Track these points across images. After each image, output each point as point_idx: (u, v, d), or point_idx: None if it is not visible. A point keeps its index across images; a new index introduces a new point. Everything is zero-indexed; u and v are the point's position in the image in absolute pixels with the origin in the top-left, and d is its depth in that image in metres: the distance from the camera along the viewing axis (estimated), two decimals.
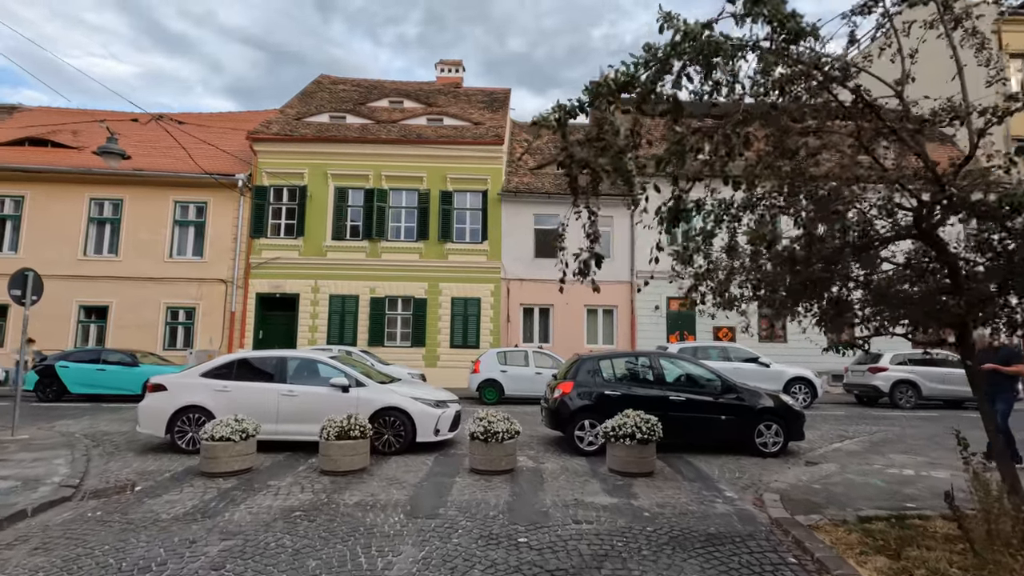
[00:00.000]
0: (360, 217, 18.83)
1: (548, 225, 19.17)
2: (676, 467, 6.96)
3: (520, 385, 14.25)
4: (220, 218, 18.49)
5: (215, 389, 7.51)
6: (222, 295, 18.17)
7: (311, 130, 19.39)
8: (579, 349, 18.14)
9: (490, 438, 6.38)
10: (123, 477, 6.21)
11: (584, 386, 7.78)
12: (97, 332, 17.94)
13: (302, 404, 7.48)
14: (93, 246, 18.26)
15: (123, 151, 12.09)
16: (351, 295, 18.38)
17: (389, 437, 7.51)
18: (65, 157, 18.67)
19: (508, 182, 19.39)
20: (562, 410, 7.70)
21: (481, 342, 18.22)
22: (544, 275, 18.79)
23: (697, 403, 7.68)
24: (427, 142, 19.09)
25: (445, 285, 18.55)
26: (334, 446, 6.35)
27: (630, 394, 7.69)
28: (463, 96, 24.10)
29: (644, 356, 8.13)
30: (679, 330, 18.85)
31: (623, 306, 18.88)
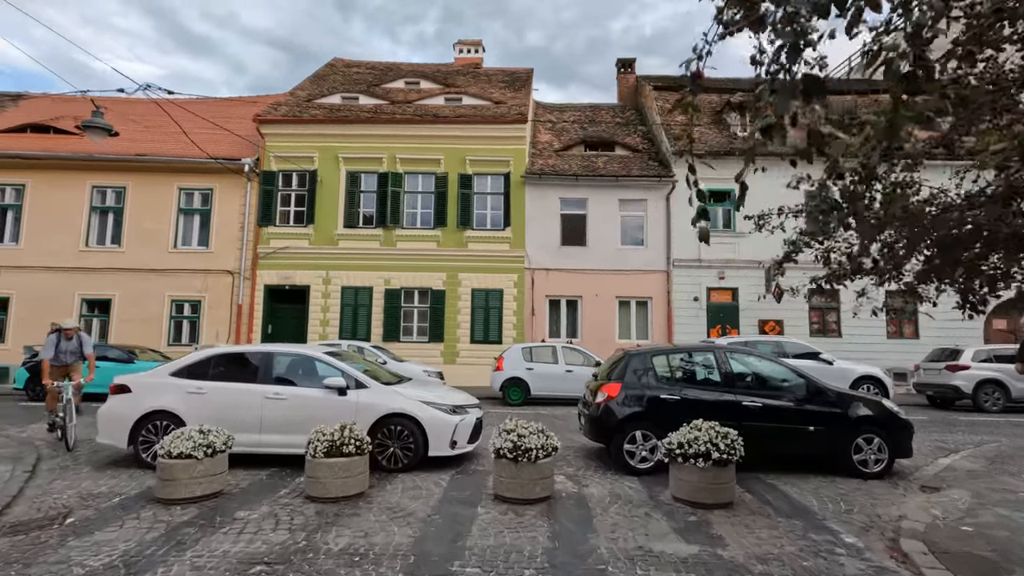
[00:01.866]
0: (373, 203, 17.55)
1: (575, 210, 17.65)
2: (758, 493, 5.43)
3: (548, 384, 12.80)
4: (226, 206, 17.39)
5: (187, 391, 6.22)
6: (229, 287, 17.09)
7: (322, 112, 18.17)
8: (610, 344, 16.61)
9: (521, 456, 4.95)
10: (60, 503, 4.95)
11: (634, 388, 6.29)
12: (100, 327, 17.01)
13: (290, 409, 6.15)
14: (96, 236, 17.33)
15: (110, 126, 10.95)
16: (364, 287, 17.13)
17: (395, 450, 6.14)
18: (67, 143, 17.77)
19: (532, 164, 17.90)
20: (607, 418, 6.23)
21: (504, 337, 16.81)
22: (571, 264, 17.30)
23: (777, 410, 6.13)
24: (445, 121, 17.69)
25: (465, 275, 17.18)
26: (323, 465, 4.99)
27: (692, 399, 6.18)
28: (483, 76, 22.66)
29: (707, 351, 6.59)
30: (720, 323, 17.16)
31: (658, 297, 17.27)
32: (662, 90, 21.03)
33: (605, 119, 21.58)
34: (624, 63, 24.45)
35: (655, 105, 20.05)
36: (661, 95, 20.69)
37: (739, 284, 17.24)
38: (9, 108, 20.47)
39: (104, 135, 10.96)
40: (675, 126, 19.07)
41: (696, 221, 3.09)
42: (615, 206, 17.61)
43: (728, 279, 17.24)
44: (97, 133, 10.92)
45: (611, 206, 17.58)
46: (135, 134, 18.69)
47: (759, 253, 17.25)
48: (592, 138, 19.55)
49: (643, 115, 21.64)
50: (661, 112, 19.65)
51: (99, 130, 10.88)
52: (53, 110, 19.98)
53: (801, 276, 16.58)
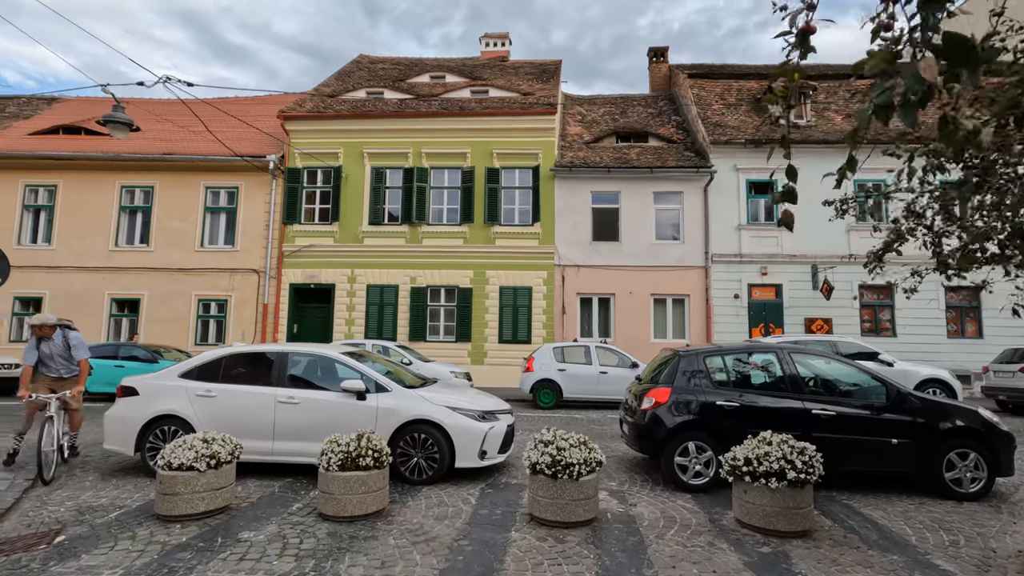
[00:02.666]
0: (399, 199, 17.11)
1: (607, 204, 16.89)
2: (837, 518, 4.66)
3: (581, 386, 12.11)
4: (252, 204, 17.20)
5: (196, 394, 5.76)
6: (255, 286, 16.88)
7: (346, 107, 17.83)
8: (644, 344, 15.82)
9: (561, 473, 4.30)
10: (55, 518, 4.52)
11: (686, 393, 5.57)
12: (129, 326, 17.01)
13: (305, 415, 5.63)
14: (125, 236, 17.35)
15: (130, 120, 10.71)
16: (390, 285, 16.71)
17: (419, 461, 5.56)
18: (97, 144, 17.84)
19: (561, 156, 17.21)
20: (655, 427, 5.52)
21: (533, 337, 16.17)
22: (604, 260, 16.55)
23: (853, 420, 5.33)
24: (471, 114, 17.14)
25: (492, 273, 16.60)
26: (337, 480, 4.43)
27: (753, 406, 5.43)
28: (510, 69, 22.05)
29: (769, 351, 5.82)
30: (763, 322, 16.17)
31: (696, 295, 16.37)
32: (698, 78, 20.09)
33: (637, 110, 20.73)
34: (656, 52, 23.54)
35: (690, 94, 19.12)
36: (697, 83, 19.74)
37: (783, 280, 16.22)
38: (43, 111, 20.77)
39: (125, 130, 10.74)
40: (713, 114, 18.12)
41: (779, 201, 2.46)
42: (649, 199, 16.78)
43: (771, 275, 16.24)
44: (118, 128, 10.71)
45: (645, 199, 16.76)
46: (163, 134, 18.70)
47: (804, 247, 16.23)
48: (624, 129, 18.74)
49: (677, 105, 20.72)
50: (697, 100, 18.72)
51: (120, 125, 10.66)
52: (85, 112, 20.17)
53: (852, 274, 15.53)
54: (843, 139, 16.11)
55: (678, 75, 21.37)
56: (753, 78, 19.98)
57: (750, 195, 16.68)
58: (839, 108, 18.26)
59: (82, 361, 6.31)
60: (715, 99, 18.98)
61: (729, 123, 17.62)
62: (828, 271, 15.89)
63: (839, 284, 15.84)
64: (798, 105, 17.79)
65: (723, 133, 17.00)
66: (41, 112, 20.66)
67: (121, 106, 10.73)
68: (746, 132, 16.99)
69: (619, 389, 12.05)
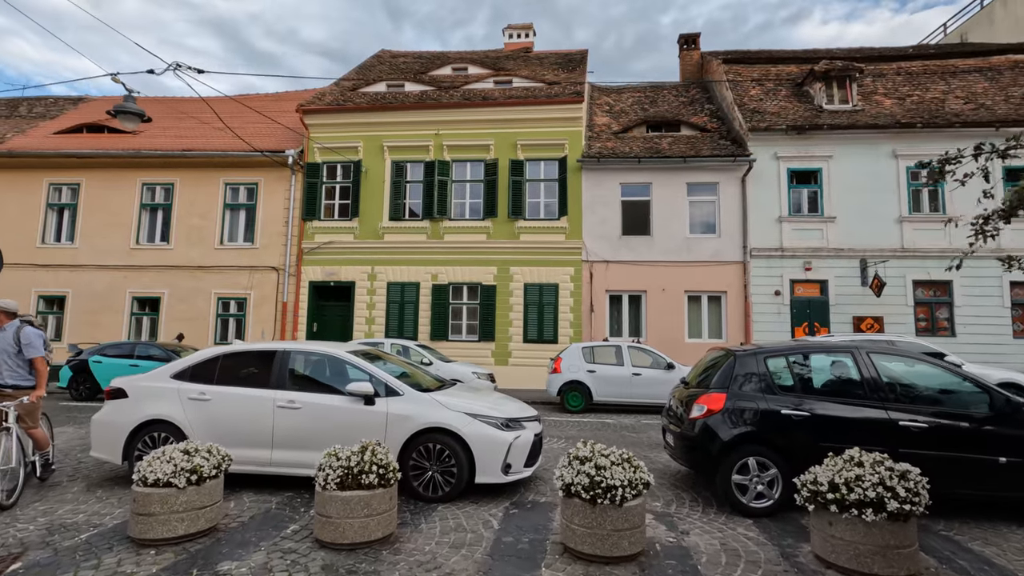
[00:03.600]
0: (420, 194, 16.54)
1: (638, 196, 16.01)
2: (946, 558, 3.79)
3: (613, 389, 11.30)
4: (271, 200, 16.85)
5: (189, 397, 5.19)
6: (274, 284, 16.52)
7: (366, 100, 17.34)
8: (678, 344, 14.91)
9: (601, 497, 3.56)
10: (21, 539, 3.96)
11: (744, 400, 4.76)
12: (150, 325, 16.84)
13: (307, 421, 5.01)
14: (146, 234, 17.18)
15: (141, 111, 10.32)
16: (411, 282, 16.14)
17: (434, 475, 4.87)
18: (119, 142, 17.75)
19: (589, 147, 16.40)
20: (708, 440, 4.73)
21: (560, 336, 15.40)
22: (634, 256, 15.68)
23: (950, 433, 4.44)
24: (494, 104, 16.47)
25: (517, 269, 15.88)
26: (335, 501, 3.77)
27: (826, 415, 4.59)
28: (535, 60, 21.31)
29: (843, 351, 4.95)
30: (807, 320, 15.08)
31: (734, 291, 15.37)
32: (733, 63, 19.03)
33: (668, 99, 19.76)
34: (687, 39, 22.49)
35: (726, 79, 18.08)
36: (732, 68, 18.69)
37: (828, 276, 15.10)
38: (69, 111, 20.86)
39: (136, 120, 10.36)
40: (750, 101, 17.07)
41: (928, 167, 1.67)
42: (682, 191, 15.83)
43: (815, 270, 15.13)
44: (129, 119, 10.33)
45: (678, 191, 15.82)
46: (184, 131, 18.54)
47: (851, 240, 15.10)
48: (655, 118, 17.82)
49: (710, 93, 19.68)
50: (733, 86, 17.68)
51: (131, 115, 10.29)
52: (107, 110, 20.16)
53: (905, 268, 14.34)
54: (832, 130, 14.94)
55: (711, 62, 20.33)
56: (792, 62, 18.83)
57: (792, 185, 15.59)
58: (887, 91, 17.02)
59: (36, 360, 5.10)
60: (752, 85, 17.91)
61: (768, 109, 16.55)
62: (879, 265, 14.73)
63: (891, 280, 14.65)
64: (843, 88, 16.63)
65: (762, 119, 15.95)
66: (67, 112, 20.76)
67: (132, 96, 10.36)
68: (787, 118, 15.91)
69: (653, 392, 11.21)
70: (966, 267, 15.36)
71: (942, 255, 14.83)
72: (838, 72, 16.50)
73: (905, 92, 16.91)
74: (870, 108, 16.22)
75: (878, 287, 14.27)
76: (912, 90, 16.96)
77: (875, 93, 16.99)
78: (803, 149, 15.54)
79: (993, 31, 23.04)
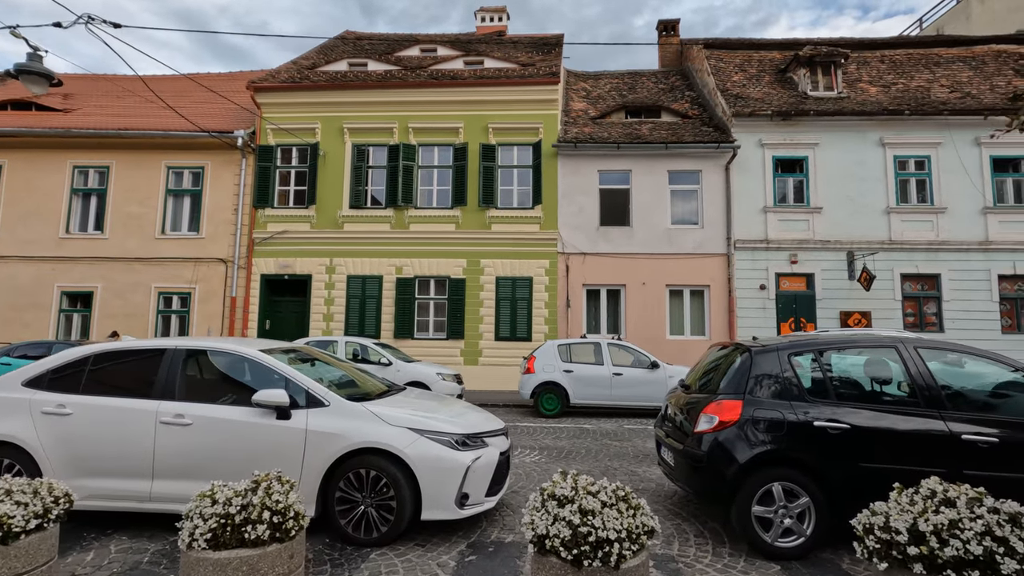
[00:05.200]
0: (383, 180, 15.28)
1: (617, 184, 15.06)
2: None
3: (592, 391, 10.28)
4: (219, 186, 15.37)
5: (44, 411, 3.94)
6: (221, 277, 15.05)
7: (325, 78, 15.98)
8: (659, 341, 14.01)
9: (590, 555, 2.48)
10: None
11: (766, 408, 3.74)
12: (81, 322, 15.19)
13: (199, 441, 3.81)
14: (77, 222, 15.51)
15: (50, 71, 8.87)
16: (373, 276, 14.88)
17: (368, 510, 3.74)
18: (48, 120, 16.02)
19: (565, 132, 15.38)
20: (721, 460, 3.70)
21: (534, 333, 14.35)
22: (613, 247, 14.73)
23: None
24: (464, 83, 15.31)
25: (488, 262, 14.77)
26: (205, 566, 2.61)
27: (872, 428, 3.60)
28: (508, 43, 20.18)
29: (885, 346, 3.97)
30: (793, 315, 14.35)
31: (717, 285, 14.54)
32: (715, 48, 18.25)
33: (647, 86, 18.88)
34: (667, 25, 21.67)
35: (707, 65, 17.27)
36: (714, 54, 17.91)
37: (815, 269, 14.39)
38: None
39: (43, 83, 8.87)
40: (733, 87, 16.29)
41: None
42: (664, 179, 14.95)
43: (801, 263, 14.41)
44: (34, 81, 8.86)
45: (659, 179, 14.93)
46: (123, 109, 16.89)
47: (838, 232, 14.43)
48: (634, 104, 16.91)
49: (691, 80, 18.87)
50: (715, 71, 16.89)
51: (36, 76, 8.83)
52: None
53: (893, 262, 13.71)
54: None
55: (691, 48, 19.55)
56: (775, 49, 18.16)
57: (777, 173, 14.84)
58: (872, 79, 16.44)
59: None
60: (735, 70, 17.15)
61: (752, 95, 15.78)
62: (866, 258, 14.08)
63: (878, 273, 14.01)
64: (828, 75, 15.98)
65: (746, 105, 15.16)
66: None
67: (38, 54, 8.90)
68: (772, 104, 15.16)
69: (636, 394, 10.24)
70: (954, 260, 14.92)
71: (930, 247, 14.29)
72: (823, 58, 15.84)
73: (890, 80, 16.35)
74: (855, 95, 15.60)
75: (867, 280, 13.61)
76: (897, 78, 16.41)
77: (860, 81, 16.39)
78: (789, 136, 14.81)
79: (970, 25, 22.85)
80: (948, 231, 14.30)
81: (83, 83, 19.09)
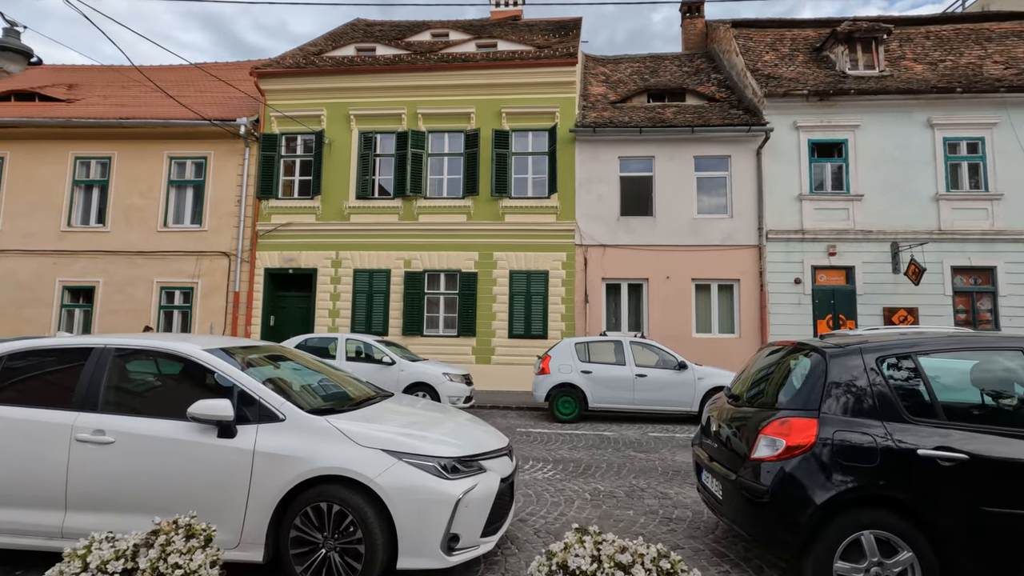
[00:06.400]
0: (391, 169, 14.53)
1: (639, 171, 14.10)
2: None
3: (612, 394, 9.39)
4: (222, 176, 14.78)
5: None
6: (224, 271, 14.47)
7: (332, 64, 15.28)
8: (684, 339, 13.05)
9: None
10: None
11: (851, 430, 2.83)
12: (83, 318, 14.76)
13: (122, 465, 3.05)
14: (79, 215, 15.06)
15: (29, 49, 8.32)
16: (380, 269, 14.15)
17: (330, 556, 2.93)
18: (50, 110, 15.60)
19: (583, 117, 14.44)
20: (788, 498, 2.80)
21: (550, 330, 13.48)
22: (634, 239, 13.78)
23: None
24: (476, 66, 14.47)
25: (501, 255, 13.93)
26: None
27: (997, 458, 2.68)
28: (524, 27, 19.28)
29: (1009, 348, 3.02)
30: (831, 312, 13.25)
31: (747, 279, 13.50)
32: (743, 27, 17.12)
33: (670, 69, 17.82)
34: (690, 6, 20.52)
35: (735, 45, 16.16)
36: (742, 33, 16.78)
37: (855, 261, 13.26)
38: (2, 79, 18.61)
39: (21, 60, 8.38)
40: (764, 66, 15.17)
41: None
42: (689, 165, 13.93)
43: (840, 255, 13.29)
44: (11, 58, 8.31)
45: (684, 165, 13.92)
46: (126, 99, 16.42)
47: (881, 221, 13.27)
48: (656, 87, 15.89)
49: (717, 63, 17.76)
50: (744, 51, 15.77)
51: (14, 53, 8.26)
52: (47, 79, 18.00)
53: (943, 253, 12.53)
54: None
55: (717, 29, 18.42)
56: (809, 27, 16.96)
57: (813, 158, 13.72)
58: (917, 56, 15.18)
59: None
60: (765, 49, 16.02)
61: (785, 75, 14.65)
62: (913, 249, 12.91)
63: (926, 266, 12.82)
64: (868, 52, 14.78)
65: (779, 85, 14.06)
66: (1, 80, 18.51)
67: (15, 30, 8.34)
68: (807, 84, 14.03)
69: (662, 397, 9.32)
70: (1012, 251, 13.63)
71: (984, 237, 13.06)
72: (863, 34, 14.65)
73: (937, 57, 15.07)
74: (899, 74, 14.37)
75: (916, 274, 12.45)
76: (944, 55, 15.12)
77: (903, 58, 15.14)
78: (826, 118, 13.67)
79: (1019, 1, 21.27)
80: (1005, 220, 13.04)
81: (90, 74, 18.69)
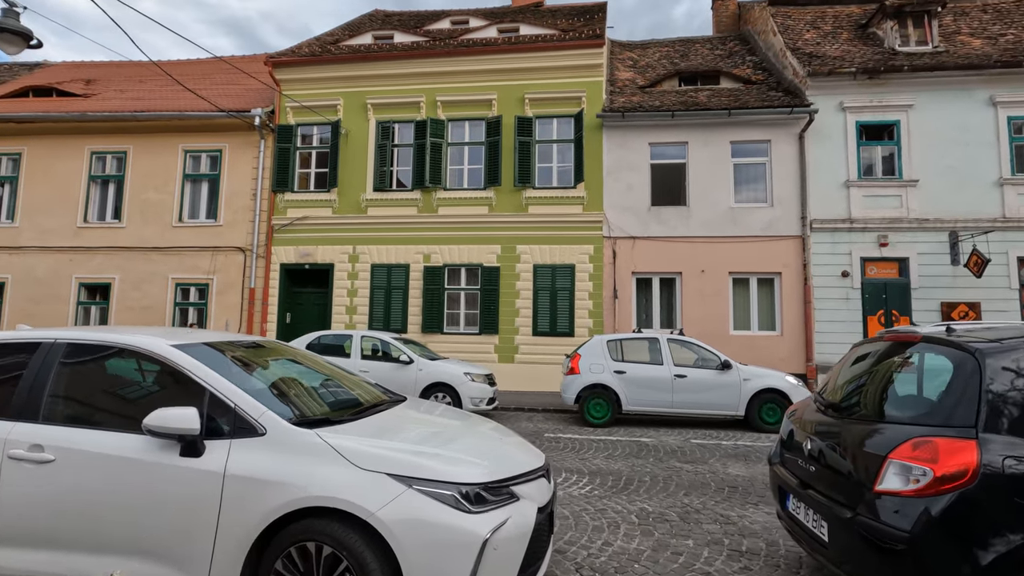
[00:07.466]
0: (409, 160, 13.94)
1: (671, 158, 13.26)
2: None
3: (649, 396, 8.61)
4: (237, 169, 14.37)
5: None
6: (240, 267, 14.06)
7: (348, 51, 14.75)
8: (722, 337, 12.20)
9: None
10: None
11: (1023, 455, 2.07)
12: (99, 314, 14.50)
13: (66, 489, 2.43)
14: (95, 210, 14.81)
15: (29, 31, 7.85)
16: (399, 264, 13.57)
17: None
18: (66, 105, 15.40)
19: (611, 102, 13.64)
20: (942, 550, 2.05)
21: (576, 328, 12.74)
22: (666, 230, 12.95)
23: None
24: (498, 50, 13.78)
25: (525, 248, 13.23)
26: None
27: None
28: (546, 13, 18.53)
29: None
30: (882, 308, 12.24)
31: (790, 272, 12.56)
32: (781, 5, 16.09)
33: (701, 52, 16.87)
34: None
35: (773, 24, 15.16)
36: (780, 11, 15.77)
37: (909, 252, 12.22)
38: (21, 75, 18.60)
39: (19, 42, 7.88)
40: (805, 45, 14.16)
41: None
42: (726, 151, 13.03)
43: (893, 246, 12.27)
44: (10, 41, 7.87)
45: (720, 151, 13.02)
46: (142, 93, 16.15)
47: (938, 208, 12.21)
48: (688, 70, 15.00)
49: (752, 44, 16.76)
50: (783, 30, 14.78)
51: (13, 35, 7.82)
52: (64, 75, 17.89)
53: (1008, 243, 11.43)
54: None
55: (751, 10, 17.42)
56: (854, 2, 15.85)
57: (862, 141, 12.70)
58: (974, 30, 14.01)
59: None
60: (806, 28, 14.99)
61: (829, 53, 13.64)
62: (974, 239, 11.82)
63: (991, 256, 11.73)
64: (920, 27, 13.67)
65: (823, 64, 13.06)
66: (20, 76, 18.49)
67: (14, 10, 7.89)
68: (854, 62, 13.00)
69: (703, 400, 8.51)
70: None
71: None
72: (915, 7, 13.54)
73: (996, 31, 13.88)
74: (955, 49, 13.24)
75: (978, 266, 11.37)
76: (1005, 28, 13.93)
77: (958, 33, 13.99)
78: (876, 98, 12.64)
79: None
80: None
81: (108, 70, 18.55)
